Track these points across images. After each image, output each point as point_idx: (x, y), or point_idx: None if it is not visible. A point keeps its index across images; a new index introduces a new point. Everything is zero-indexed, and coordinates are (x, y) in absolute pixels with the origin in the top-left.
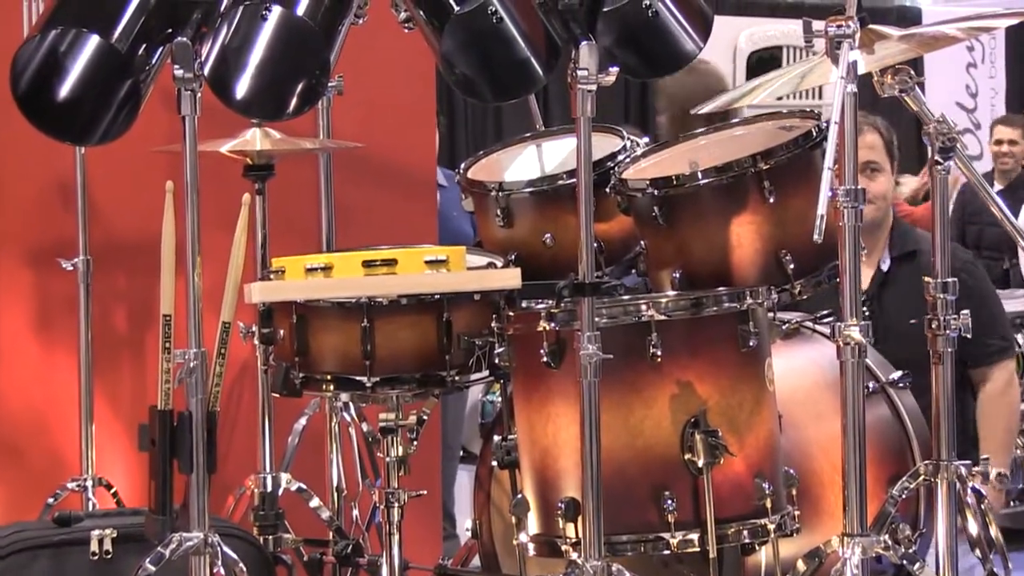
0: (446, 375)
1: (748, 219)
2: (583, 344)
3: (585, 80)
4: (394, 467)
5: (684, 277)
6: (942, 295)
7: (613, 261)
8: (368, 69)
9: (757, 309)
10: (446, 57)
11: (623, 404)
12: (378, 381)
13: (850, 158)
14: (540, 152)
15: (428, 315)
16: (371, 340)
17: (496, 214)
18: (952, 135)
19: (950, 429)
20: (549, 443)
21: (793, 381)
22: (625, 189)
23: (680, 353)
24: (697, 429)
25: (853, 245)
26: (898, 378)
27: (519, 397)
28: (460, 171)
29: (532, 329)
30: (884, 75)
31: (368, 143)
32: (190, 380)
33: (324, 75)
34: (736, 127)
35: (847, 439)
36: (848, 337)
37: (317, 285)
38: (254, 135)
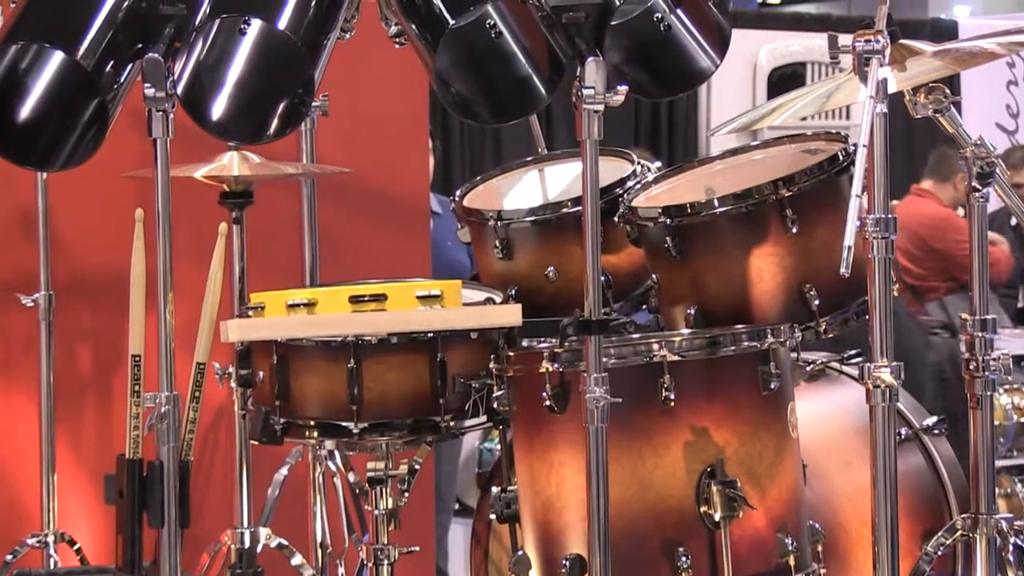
0: (440, 420)
1: (769, 251)
2: (589, 387)
3: (591, 99)
4: (383, 521)
5: (699, 314)
6: (980, 333)
7: (622, 296)
8: (356, 88)
9: (779, 349)
10: (440, 75)
11: (633, 452)
12: (366, 427)
13: (880, 184)
14: (543, 178)
15: (421, 355)
16: (358, 382)
17: (495, 245)
18: (991, 159)
19: (989, 479)
20: (552, 495)
21: (818, 427)
22: (635, 218)
23: (695, 397)
24: (714, 479)
25: (883, 279)
26: (933, 424)
27: (520, 444)
28: (456, 198)
29: (534, 370)
30: (917, 94)
31: (355, 168)
32: (161, 426)
33: (308, 94)
34: (756, 150)
35: (877, 490)
36: (878, 379)
37: (300, 323)
38: (231, 159)
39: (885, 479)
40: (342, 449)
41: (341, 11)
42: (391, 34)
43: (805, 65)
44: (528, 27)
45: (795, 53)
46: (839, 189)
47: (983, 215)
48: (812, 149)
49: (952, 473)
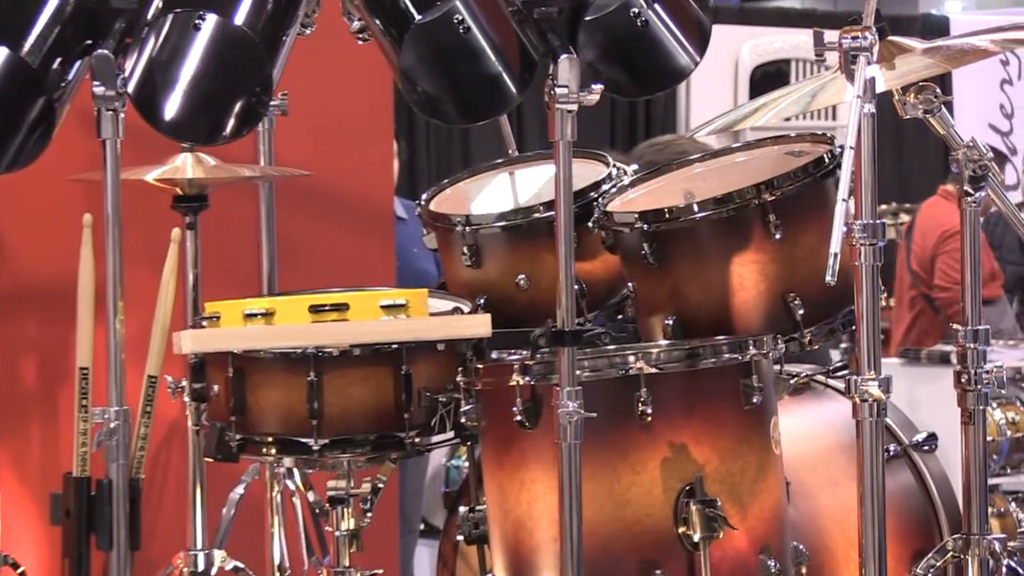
0: (405, 437)
1: (751, 258)
2: (562, 401)
3: (565, 99)
4: (345, 543)
5: (678, 324)
6: (972, 345)
7: (597, 306)
8: (316, 86)
9: (762, 361)
10: (406, 72)
11: (608, 470)
12: (327, 444)
13: (867, 188)
14: (513, 181)
15: (384, 368)
16: (319, 397)
17: (463, 252)
18: (984, 162)
19: (982, 498)
20: (523, 514)
21: (803, 443)
22: (611, 223)
23: (673, 411)
24: (693, 498)
25: (871, 288)
26: (923, 440)
27: (489, 461)
28: (422, 202)
29: (504, 384)
30: (906, 93)
31: (316, 170)
32: (110, 443)
33: (266, 93)
34: (737, 153)
35: (865, 509)
36: (866, 393)
37: (257, 333)
38: (185, 161)
39: (872, 498)
40: (301, 467)
41: (301, 6)
42: (354, 30)
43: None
44: (498, 22)
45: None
46: (825, 193)
47: (975, 221)
48: (796, 151)
49: (943, 491)
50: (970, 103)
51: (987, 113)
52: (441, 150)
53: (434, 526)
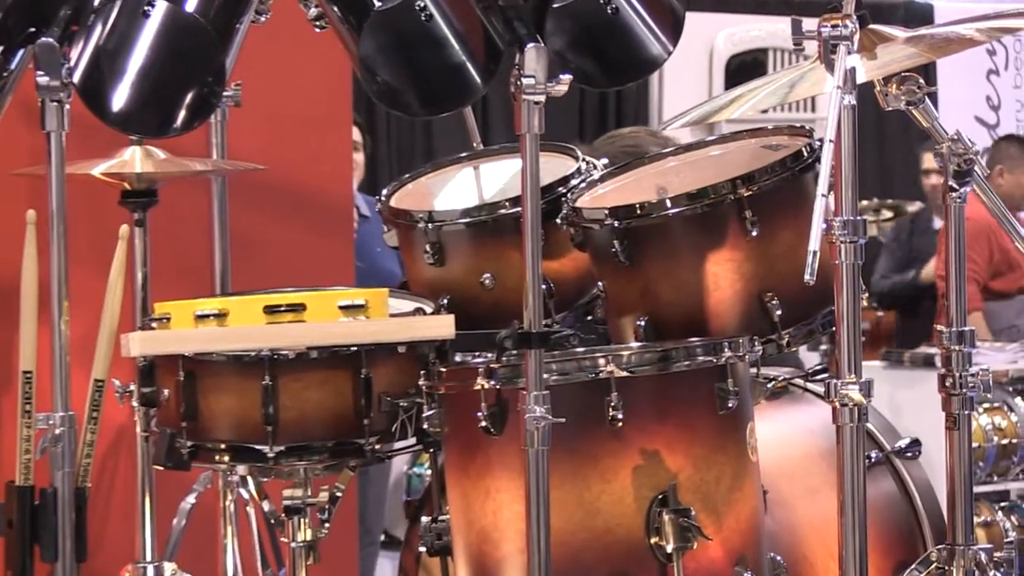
0: (364, 443)
1: (726, 256)
2: (529, 406)
3: (532, 89)
4: (301, 555)
5: (650, 325)
6: (957, 347)
7: (565, 306)
8: (272, 76)
9: (737, 364)
10: (365, 62)
11: (577, 478)
12: (282, 451)
13: (847, 183)
14: (478, 176)
15: (343, 371)
16: (274, 401)
17: (425, 250)
18: (969, 156)
19: (967, 506)
20: (488, 524)
21: (780, 450)
22: (580, 220)
23: (645, 416)
24: (665, 507)
25: (852, 287)
26: (906, 446)
27: (452, 469)
28: (382, 198)
29: (468, 388)
30: (888, 84)
31: (271, 164)
32: (55, 450)
33: (218, 83)
34: (712, 146)
35: (845, 519)
36: (846, 397)
37: (209, 335)
38: (134, 155)
39: (853, 506)
40: (256, 475)
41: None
42: (311, 17)
43: (766, 52)
44: (462, 10)
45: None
46: (803, 188)
47: (960, 217)
48: (774, 144)
49: (926, 500)
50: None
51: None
52: (403, 143)
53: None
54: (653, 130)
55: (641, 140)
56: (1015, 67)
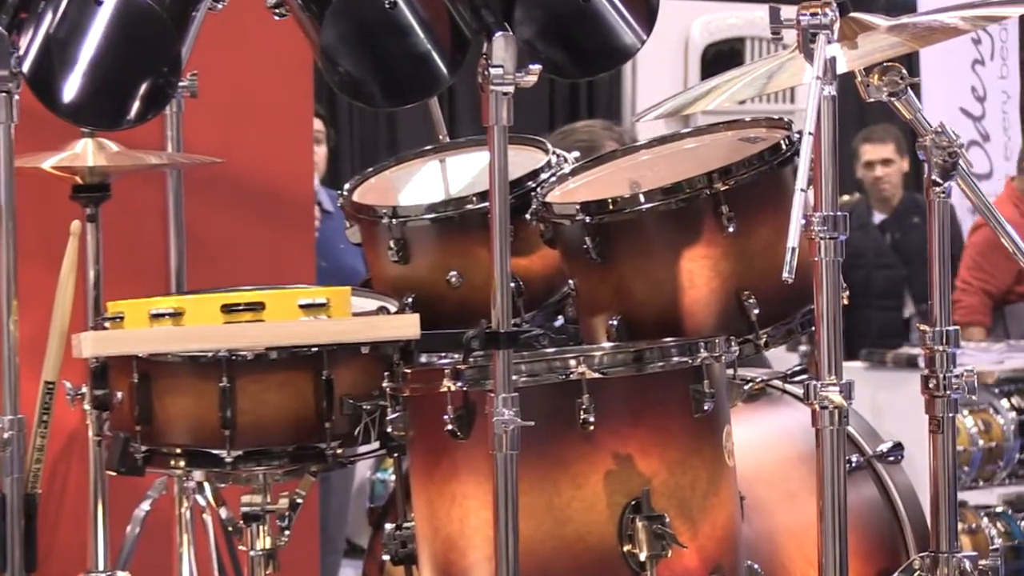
0: (326, 448)
1: (702, 253)
2: (497, 409)
3: (500, 80)
4: (260, 564)
5: (623, 325)
6: (941, 347)
7: (535, 305)
8: (229, 66)
9: (713, 365)
10: (327, 51)
11: (547, 483)
12: (240, 455)
13: (827, 177)
14: (444, 169)
15: (303, 373)
16: (232, 404)
17: (389, 246)
18: (954, 149)
19: (951, 513)
20: (454, 532)
21: (758, 454)
22: (550, 215)
23: (618, 420)
24: (639, 514)
25: (832, 285)
26: (888, 450)
27: (417, 474)
28: (345, 193)
29: (434, 390)
30: (870, 75)
31: (229, 158)
32: (3, 454)
33: (174, 73)
34: (688, 139)
35: (825, 526)
36: (826, 399)
37: (164, 335)
38: (85, 148)
39: (833, 513)
40: (213, 480)
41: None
42: (270, 4)
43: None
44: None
45: (732, 27)
46: (782, 183)
47: (944, 213)
48: (751, 137)
49: (909, 506)
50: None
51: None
52: (366, 136)
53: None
54: (608, 123)
55: (595, 134)
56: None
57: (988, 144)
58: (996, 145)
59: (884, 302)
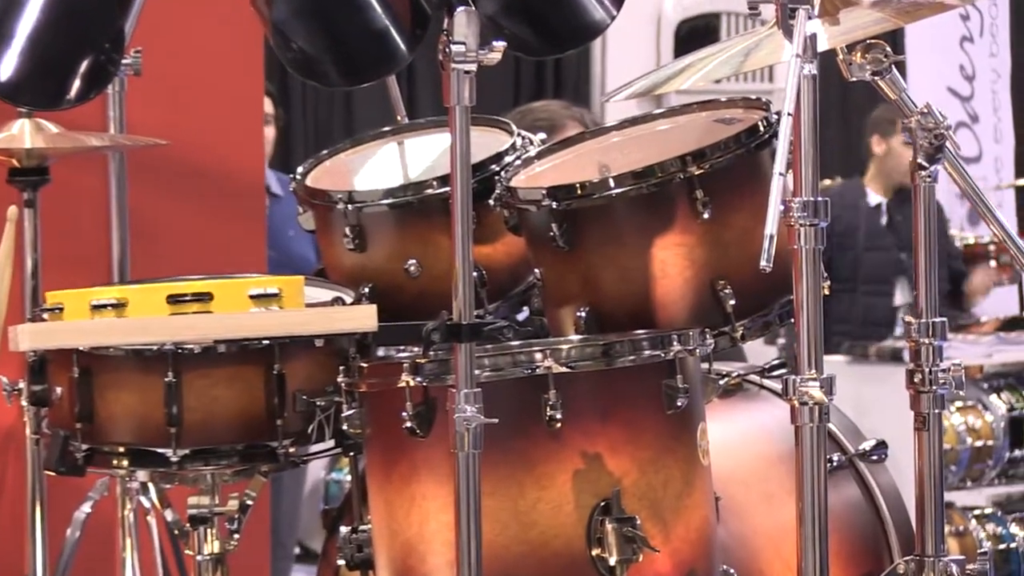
0: (278, 446)
1: (675, 240)
2: (459, 405)
3: (462, 58)
4: (208, 569)
5: (592, 317)
6: (927, 340)
7: (499, 296)
8: (175, 43)
9: (687, 359)
10: (279, 27)
11: (512, 484)
12: (187, 455)
13: (808, 160)
14: (403, 152)
15: (254, 367)
16: (178, 400)
17: (345, 234)
18: (940, 131)
19: (938, 514)
20: (413, 535)
21: (734, 453)
22: (515, 201)
23: (586, 416)
24: (608, 516)
25: (812, 274)
26: (871, 448)
27: (374, 475)
28: (297, 176)
29: (391, 385)
30: (852, 53)
31: (175, 140)
32: None
33: (116, 50)
34: (660, 120)
35: (805, 528)
36: (806, 395)
37: (106, 327)
38: (22, 129)
39: (813, 515)
40: (158, 481)
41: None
42: None
43: (719, 17)
44: None
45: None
46: (759, 166)
47: (931, 198)
48: (727, 118)
49: (893, 507)
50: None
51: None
52: (320, 117)
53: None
54: (567, 103)
55: (554, 114)
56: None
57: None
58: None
59: (871, 287)
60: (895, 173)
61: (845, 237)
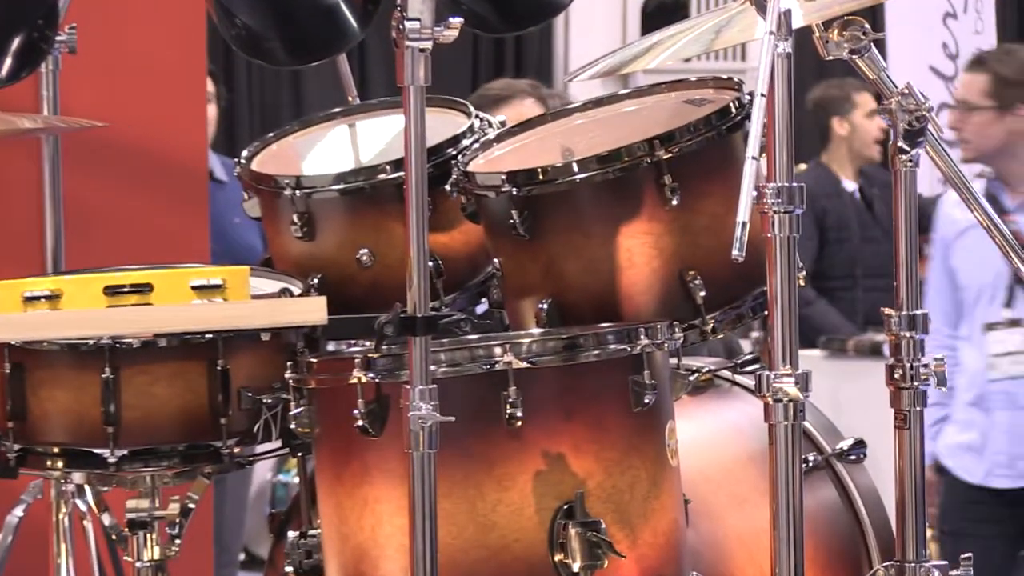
0: (221, 446)
1: (642, 228)
2: (413, 402)
3: (417, 35)
4: (148, 575)
5: (554, 309)
6: (908, 333)
7: (456, 287)
8: (112, 18)
9: (655, 353)
10: (222, 2)
11: (470, 485)
12: (126, 455)
13: (782, 143)
14: (354, 135)
15: (196, 362)
16: (116, 398)
17: (292, 221)
18: (922, 113)
19: (919, 517)
20: (366, 540)
21: (705, 453)
22: (473, 186)
23: (548, 414)
24: (572, 520)
25: (787, 264)
26: (848, 448)
27: (324, 476)
28: (242, 161)
29: (342, 382)
30: (829, 30)
31: (112, 121)
32: None
33: (50, 26)
34: (626, 101)
35: (779, 532)
36: (780, 392)
37: (39, 320)
38: None
39: (788, 517)
40: (95, 483)
41: None
42: None
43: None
44: None
45: None
46: (731, 150)
47: (912, 184)
48: (697, 99)
49: (872, 509)
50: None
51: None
52: (266, 98)
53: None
54: (534, 82)
55: (516, 92)
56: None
57: None
58: None
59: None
60: (865, 149)
61: (841, 230)
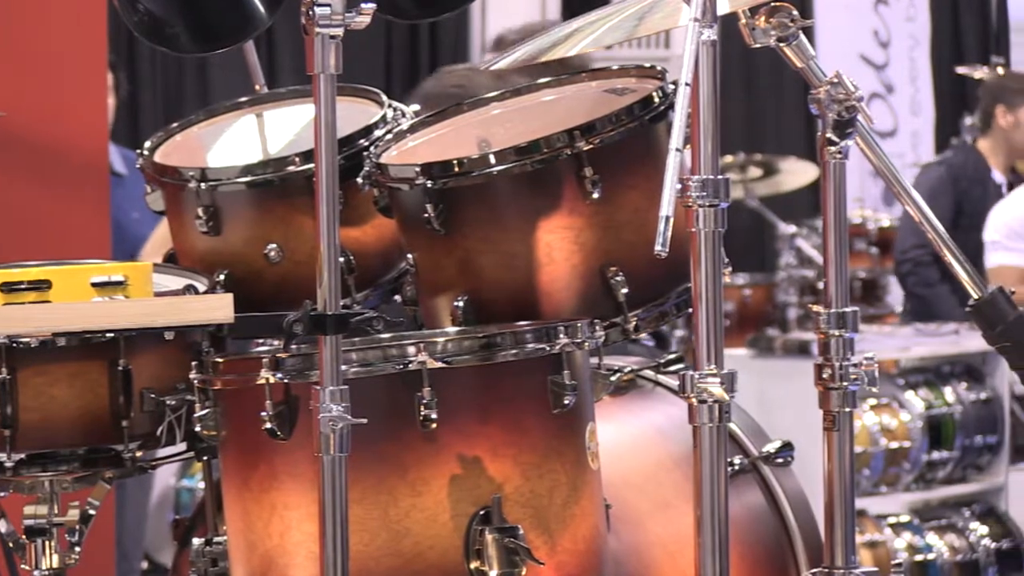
0: (123, 450)
1: (562, 223)
2: (323, 404)
3: (327, 21)
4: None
5: (470, 306)
6: (837, 332)
7: (368, 284)
8: (9, 4)
9: (575, 352)
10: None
11: (382, 490)
12: (23, 459)
13: (707, 134)
14: (262, 125)
15: (96, 363)
16: (12, 400)
17: (197, 215)
18: (852, 103)
19: (848, 522)
20: (274, 547)
21: (627, 456)
22: (385, 179)
23: (464, 417)
24: (488, 526)
25: (712, 260)
26: (776, 451)
27: (231, 481)
28: (144, 152)
29: (250, 382)
30: (756, 16)
31: (8, 111)
32: None
33: None
34: (545, 90)
35: (703, 538)
36: (705, 392)
37: None
38: None
39: (713, 523)
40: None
41: None
42: None
43: None
44: None
45: None
46: (654, 141)
47: (841, 176)
48: (619, 88)
49: (800, 514)
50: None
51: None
52: (170, 86)
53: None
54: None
55: (473, 80)
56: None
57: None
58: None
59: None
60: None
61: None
